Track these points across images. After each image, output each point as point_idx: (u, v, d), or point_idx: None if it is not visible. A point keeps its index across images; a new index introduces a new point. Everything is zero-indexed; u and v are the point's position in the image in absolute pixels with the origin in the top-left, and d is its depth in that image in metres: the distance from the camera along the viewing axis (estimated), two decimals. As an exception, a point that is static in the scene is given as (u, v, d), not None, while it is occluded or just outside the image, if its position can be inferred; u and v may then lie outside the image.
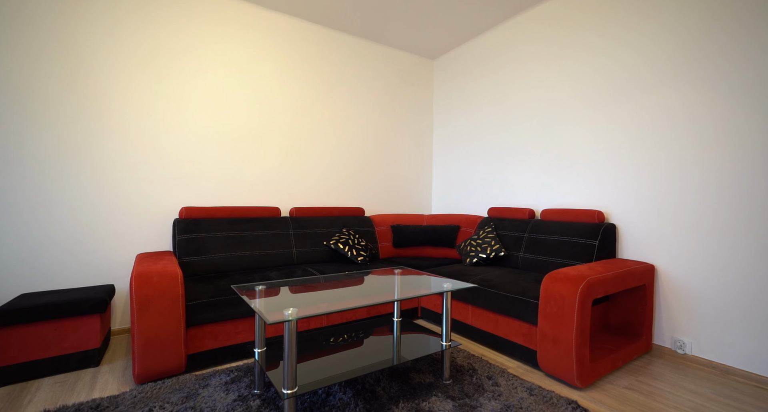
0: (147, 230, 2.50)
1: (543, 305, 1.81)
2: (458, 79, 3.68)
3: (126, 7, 2.41)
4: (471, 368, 1.89)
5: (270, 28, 2.98)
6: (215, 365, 1.94)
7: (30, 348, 1.78)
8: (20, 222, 2.13)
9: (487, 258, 2.69)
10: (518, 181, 3.07)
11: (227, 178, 2.80)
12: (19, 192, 2.13)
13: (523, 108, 3.02)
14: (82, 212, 2.30)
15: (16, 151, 2.12)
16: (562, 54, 2.72)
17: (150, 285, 1.72)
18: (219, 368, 1.89)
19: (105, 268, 2.36)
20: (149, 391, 1.64)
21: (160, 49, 2.53)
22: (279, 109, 3.03)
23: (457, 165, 3.70)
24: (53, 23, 2.20)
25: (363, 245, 2.87)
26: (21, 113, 2.13)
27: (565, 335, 1.70)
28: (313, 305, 1.46)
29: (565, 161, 2.71)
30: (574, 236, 2.36)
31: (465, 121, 3.60)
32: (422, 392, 1.64)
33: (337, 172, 3.36)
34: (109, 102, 2.37)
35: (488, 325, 2.19)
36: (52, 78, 2.21)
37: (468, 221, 3.24)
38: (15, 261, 2.11)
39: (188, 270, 2.32)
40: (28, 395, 1.65)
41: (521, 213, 2.85)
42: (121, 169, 2.41)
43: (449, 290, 1.72)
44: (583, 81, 2.58)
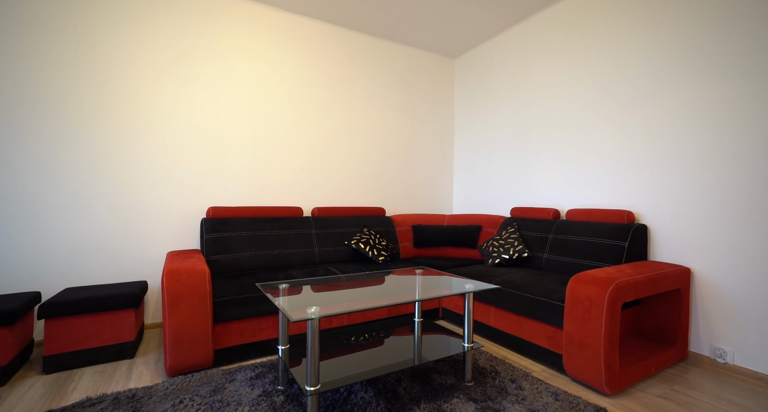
0: (177, 229, 2.61)
1: (569, 308, 1.75)
2: (479, 78, 3.62)
3: (157, 17, 2.52)
4: (493, 371, 1.86)
5: (293, 32, 3.04)
6: (241, 361, 2.00)
7: (74, 339, 1.89)
8: (64, 221, 2.27)
9: (510, 259, 2.63)
10: (542, 181, 2.99)
11: (252, 179, 2.88)
12: (64, 193, 2.27)
13: (547, 106, 2.94)
14: (118, 212, 2.42)
15: (60, 156, 2.26)
16: (585, 50, 2.63)
17: (180, 282, 1.79)
18: (244, 364, 1.94)
19: (138, 265, 2.48)
20: (180, 383, 1.71)
21: (188, 55, 2.63)
22: (302, 110, 3.09)
23: (478, 164, 3.65)
24: (90, 36, 2.33)
25: (384, 245, 2.88)
26: (63, 120, 2.26)
27: (593, 339, 1.64)
28: (335, 304, 1.48)
29: (591, 160, 2.62)
30: (602, 237, 2.28)
31: (487, 120, 3.54)
32: (444, 394, 1.63)
33: (359, 172, 3.38)
34: (141, 107, 2.49)
35: (511, 327, 2.15)
36: (90, 86, 2.34)
37: (490, 221, 3.19)
38: (60, 257, 2.26)
39: (215, 268, 2.40)
40: (73, 383, 1.75)
41: (545, 213, 2.78)
42: (153, 171, 2.52)
43: (471, 291, 1.70)
44: (609, 77, 2.49)
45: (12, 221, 2.14)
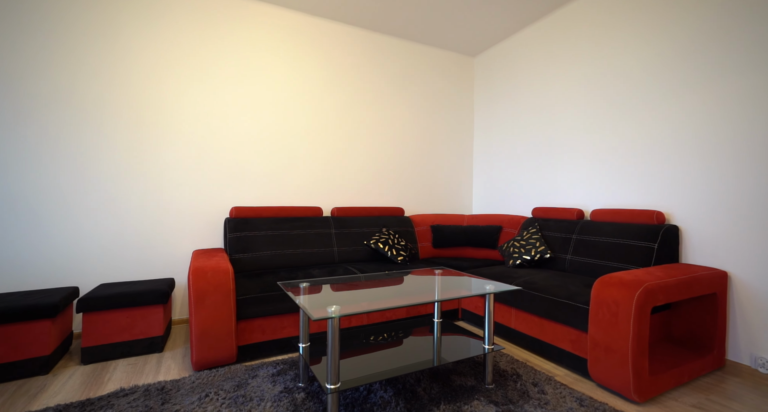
0: (201, 228, 2.70)
1: (594, 311, 1.70)
2: (500, 76, 3.56)
3: (184, 24, 2.61)
4: (515, 374, 1.82)
5: (314, 34, 3.08)
6: (262, 358, 2.05)
7: (108, 332, 1.99)
8: (99, 221, 2.39)
9: (532, 260, 2.58)
10: (565, 180, 2.91)
11: (273, 179, 2.94)
12: (98, 195, 2.39)
13: (570, 102, 2.85)
14: (147, 212, 2.53)
15: (95, 159, 2.38)
16: (611, 44, 2.53)
17: (205, 279, 1.85)
18: (266, 361, 1.99)
19: (165, 262, 2.58)
20: (205, 378, 1.77)
21: (213, 59, 2.72)
22: (321, 111, 3.13)
23: (498, 164, 3.58)
24: (121, 44, 2.45)
25: (402, 245, 2.88)
26: (98, 125, 2.39)
27: (620, 343, 1.58)
28: (354, 303, 1.49)
29: (617, 158, 2.52)
30: (630, 238, 2.19)
31: (507, 119, 3.48)
32: (464, 395, 1.61)
33: (378, 172, 3.39)
34: (169, 111, 2.59)
35: (533, 329, 2.10)
36: (122, 92, 2.45)
37: (511, 222, 3.13)
38: (95, 255, 2.38)
39: (238, 266, 2.47)
40: (108, 374, 1.85)
41: (569, 213, 2.70)
42: (179, 173, 2.62)
43: (492, 292, 1.67)
44: (636, 70, 2.39)
45: (51, 221, 2.27)
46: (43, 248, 2.25)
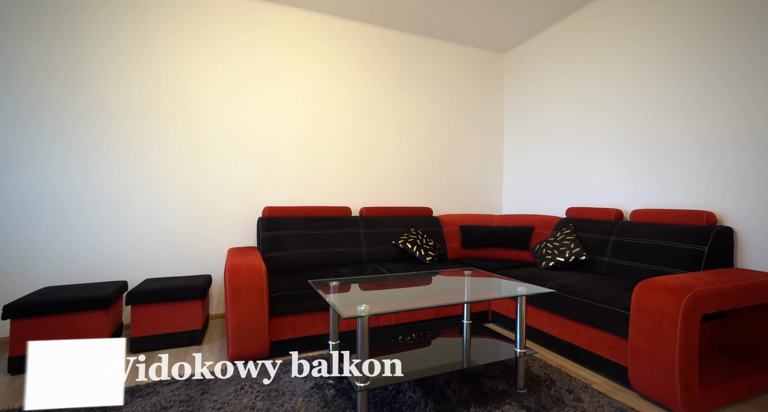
0: (236, 227, 2.81)
1: (635, 317, 1.61)
2: (531, 72, 3.45)
3: (220, 33, 2.74)
4: (548, 379, 1.76)
5: (342, 36, 3.13)
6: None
7: (153, 324, 2.13)
8: (144, 220, 2.56)
9: (566, 262, 2.48)
10: (602, 179, 2.77)
11: (303, 179, 3.01)
12: (144, 195, 2.56)
13: (608, 97, 2.72)
14: (186, 212, 2.67)
15: (140, 161, 2.55)
16: (657, 32, 2.38)
17: (240, 277, 1.93)
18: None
19: (203, 259, 2.72)
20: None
21: (247, 64, 2.83)
22: (351, 112, 3.17)
23: (530, 162, 3.47)
24: (164, 53, 2.60)
25: (431, 245, 2.86)
26: (144, 129, 2.55)
27: (665, 352, 1.49)
28: (383, 302, 1.50)
29: (661, 154, 2.37)
30: (676, 240, 2.05)
31: (539, 116, 3.37)
32: (494, 399, 1.58)
33: (406, 172, 3.39)
34: (206, 114, 2.72)
35: (567, 334, 2.02)
36: (165, 99, 2.60)
37: (543, 222, 3.03)
38: (141, 251, 2.55)
39: (270, 264, 2.55)
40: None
41: (606, 214, 2.57)
42: (216, 174, 2.75)
43: (524, 295, 1.63)
44: (685, 58, 2.23)
45: (103, 220, 2.46)
46: (95, 244, 2.44)
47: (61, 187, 2.37)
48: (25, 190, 2.30)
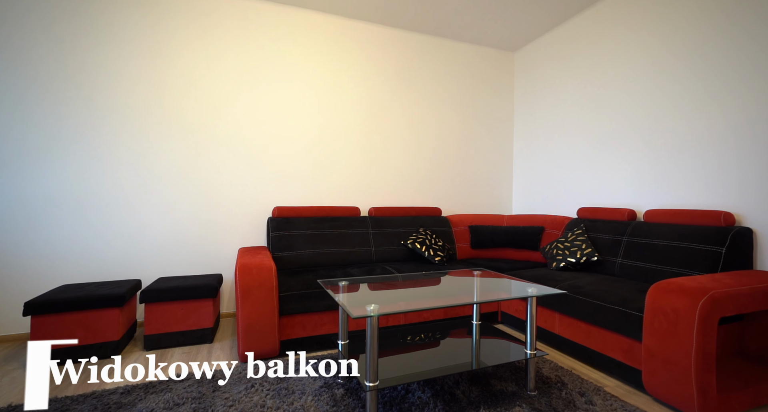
0: (246, 227, 2.85)
1: (649, 319, 1.58)
2: (542, 70, 3.41)
3: (229, 34, 2.78)
4: (559, 381, 1.74)
5: (351, 37, 3.14)
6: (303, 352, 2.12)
7: (166, 322, 2.17)
8: (157, 220, 2.60)
9: (577, 263, 2.44)
10: (614, 179, 2.72)
11: (313, 179, 3.03)
12: (157, 195, 2.60)
13: (621, 94, 2.67)
14: (197, 212, 2.72)
15: (153, 163, 2.59)
16: (672, 27, 2.33)
17: (251, 276, 1.96)
18: (307, 355, 2.06)
19: (214, 259, 2.76)
20: (251, 369, 1.86)
21: (257, 65, 2.86)
22: (360, 113, 3.18)
23: (540, 162, 3.44)
24: (177, 58, 2.65)
25: (440, 245, 2.85)
26: (159, 131, 2.60)
27: (680, 356, 1.45)
28: (392, 302, 1.51)
29: (675, 153, 2.32)
30: (691, 241, 2.01)
31: (550, 115, 3.33)
32: (504, 401, 1.57)
33: (415, 172, 3.39)
34: (217, 116, 2.76)
35: (579, 336, 1.99)
36: (176, 102, 2.65)
37: (554, 222, 2.99)
38: (154, 250, 2.60)
39: (280, 264, 2.58)
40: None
41: (619, 214, 2.53)
42: (227, 175, 2.79)
43: (535, 296, 1.61)
44: (699, 55, 2.18)
45: (117, 219, 2.51)
46: (111, 243, 2.50)
47: (78, 189, 2.43)
48: (45, 191, 2.36)
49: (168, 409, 1.51)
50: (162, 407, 1.52)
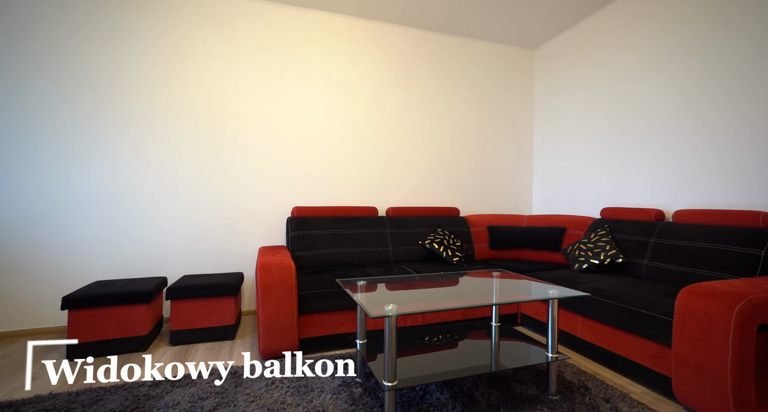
0: (266, 227, 2.91)
1: (680, 324, 1.51)
2: (563, 67, 3.33)
3: (250, 37, 2.84)
4: (582, 386, 1.69)
5: (368, 37, 3.16)
6: (322, 351, 2.15)
7: (191, 318, 2.24)
8: (181, 220, 2.70)
9: (600, 264, 2.37)
10: (640, 178, 2.63)
11: (331, 180, 3.07)
12: (181, 196, 2.70)
13: (648, 90, 2.57)
14: (219, 212, 2.79)
15: (177, 165, 2.69)
16: (704, 17, 2.22)
17: (271, 274, 2.00)
18: (325, 354, 2.08)
19: (235, 257, 2.83)
20: (271, 366, 1.90)
21: (276, 68, 2.91)
22: (377, 113, 3.19)
23: (561, 161, 3.35)
24: (201, 63, 2.73)
25: (458, 246, 2.82)
26: (180, 135, 2.69)
27: (715, 364, 1.39)
28: (410, 302, 1.50)
29: (707, 151, 2.21)
30: (726, 243, 1.91)
31: (572, 112, 3.24)
32: (525, 405, 1.54)
33: (433, 172, 3.37)
34: (237, 118, 2.83)
35: (602, 340, 1.93)
36: (199, 105, 2.74)
37: (575, 223, 2.91)
38: (179, 249, 2.69)
39: (299, 263, 2.62)
40: (191, 355, 2.08)
41: (645, 214, 2.44)
42: (247, 175, 2.85)
43: (556, 297, 1.57)
44: (737, 48, 2.07)
45: (144, 219, 2.62)
46: (138, 241, 2.60)
47: (109, 190, 2.54)
48: (79, 193, 2.49)
49: (193, 402, 1.56)
50: (187, 400, 1.57)
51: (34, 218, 2.41)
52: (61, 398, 1.59)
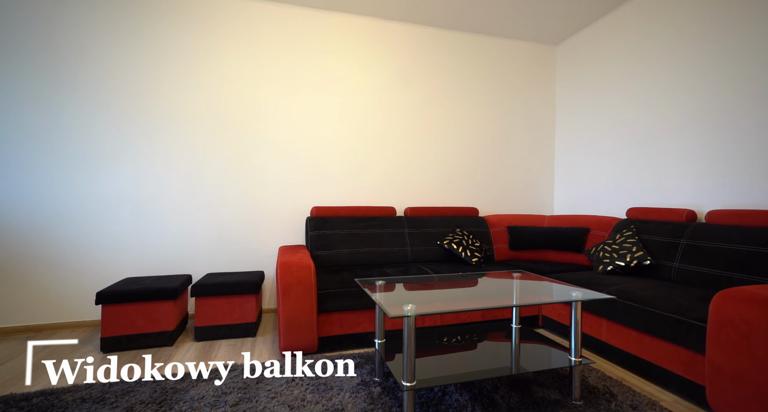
0: (286, 226, 2.96)
1: (714, 331, 1.44)
2: (587, 63, 3.23)
3: (272, 43, 2.90)
4: (608, 392, 1.64)
5: (386, 37, 3.17)
6: (341, 350, 2.17)
7: (214, 315, 2.31)
8: (204, 219, 2.78)
9: (626, 267, 2.29)
10: (670, 177, 2.52)
11: (349, 180, 3.09)
12: (204, 196, 2.78)
13: (679, 84, 2.46)
14: (241, 212, 2.86)
15: (201, 165, 2.77)
16: (742, 7, 2.11)
17: (291, 274, 2.03)
18: (344, 353, 2.10)
19: (256, 256, 2.89)
20: (291, 363, 1.93)
21: (296, 69, 2.96)
22: (395, 113, 3.19)
23: (584, 160, 3.25)
24: (224, 67, 2.81)
25: (477, 246, 2.79)
26: (205, 135, 2.78)
27: (754, 373, 1.31)
28: (429, 303, 1.50)
29: (742, 148, 2.10)
30: (764, 245, 1.81)
31: (596, 109, 3.14)
32: (547, 409, 1.51)
33: (451, 171, 3.34)
34: (260, 120, 2.89)
35: (629, 345, 1.86)
36: (222, 108, 2.82)
37: (599, 223, 2.82)
38: (203, 248, 2.78)
39: (318, 262, 2.65)
40: (214, 351, 2.15)
41: (676, 214, 2.33)
42: (268, 176, 2.92)
43: (580, 300, 1.53)
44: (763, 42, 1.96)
45: (169, 219, 2.71)
46: (165, 240, 2.70)
47: (137, 191, 2.65)
48: (110, 193, 2.61)
49: (217, 397, 1.60)
50: (212, 395, 1.62)
51: (69, 218, 2.54)
52: (96, 388, 1.67)
